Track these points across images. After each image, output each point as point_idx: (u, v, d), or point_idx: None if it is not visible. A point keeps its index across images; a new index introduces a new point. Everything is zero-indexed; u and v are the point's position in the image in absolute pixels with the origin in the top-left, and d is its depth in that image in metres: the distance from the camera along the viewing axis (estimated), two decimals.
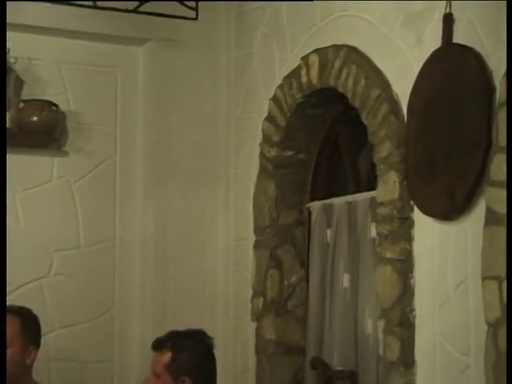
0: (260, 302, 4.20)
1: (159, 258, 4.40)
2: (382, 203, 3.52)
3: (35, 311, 3.92)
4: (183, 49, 4.42)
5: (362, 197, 3.88)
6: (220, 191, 4.49)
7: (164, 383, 3.46)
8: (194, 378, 3.45)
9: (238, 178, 4.43)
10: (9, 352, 3.61)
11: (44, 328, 4.12)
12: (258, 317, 4.21)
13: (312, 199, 4.19)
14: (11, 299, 3.99)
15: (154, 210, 4.42)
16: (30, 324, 3.75)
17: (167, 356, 3.47)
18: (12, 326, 3.66)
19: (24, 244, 4.24)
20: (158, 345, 3.53)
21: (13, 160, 4.20)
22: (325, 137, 4.17)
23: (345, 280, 3.96)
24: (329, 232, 4.08)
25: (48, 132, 4.22)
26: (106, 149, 4.44)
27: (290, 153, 4.17)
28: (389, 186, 3.48)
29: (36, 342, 3.74)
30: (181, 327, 3.60)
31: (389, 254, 3.46)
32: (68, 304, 4.31)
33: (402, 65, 3.46)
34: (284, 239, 4.18)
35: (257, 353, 4.21)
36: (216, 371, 3.57)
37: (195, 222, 4.45)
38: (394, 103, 3.49)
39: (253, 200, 4.29)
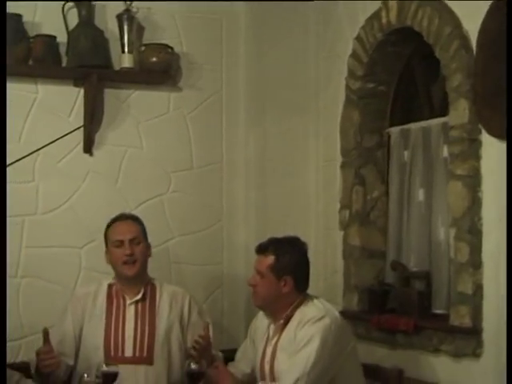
0: (346, 213, 4.21)
1: (260, 176, 4.42)
2: (453, 127, 3.50)
3: (157, 222, 4.02)
4: None
5: (436, 122, 3.85)
6: (311, 119, 4.47)
7: (268, 282, 3.46)
8: (294, 277, 3.46)
9: (327, 108, 4.40)
10: (141, 247, 3.70)
11: (165, 236, 4.28)
12: (345, 226, 4.23)
13: (391, 125, 4.17)
14: (138, 212, 4.06)
15: (255, 136, 4.42)
16: (144, 226, 3.78)
17: (271, 258, 3.46)
18: (136, 227, 3.73)
19: (147, 166, 4.29)
20: (262, 249, 3.53)
21: (136, 95, 4.28)
22: (402, 70, 4.13)
23: (420, 194, 3.95)
24: (406, 153, 4.06)
25: (165, 71, 4.24)
26: (214, 84, 4.43)
27: (371, 85, 4.14)
28: (459, 111, 3.45)
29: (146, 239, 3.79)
30: (279, 235, 3.60)
31: (459, 171, 3.45)
32: (184, 216, 4.35)
33: (471, 5, 3.39)
34: (367, 160, 4.17)
35: (344, 257, 4.24)
36: (309, 272, 3.59)
37: (290, 146, 4.44)
38: (464, 39, 3.44)
39: (339, 126, 4.27)
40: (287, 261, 3.45)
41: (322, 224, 4.41)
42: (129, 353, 3.65)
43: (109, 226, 3.77)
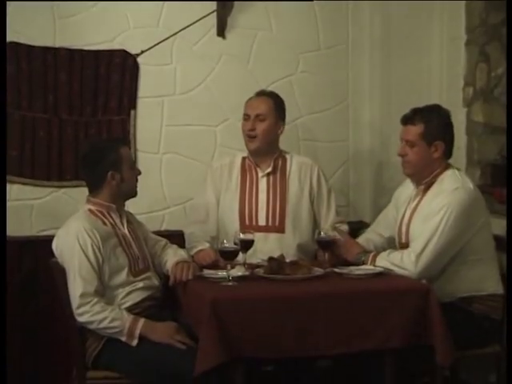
0: (470, 90, 4.15)
1: (384, 56, 4.36)
2: None
3: (287, 101, 4.02)
4: None
5: None
6: None
7: (419, 149, 3.43)
8: (445, 141, 3.45)
9: None
10: (266, 124, 3.74)
11: (294, 115, 4.33)
12: (468, 103, 4.18)
13: None
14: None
15: (380, 15, 4.34)
16: (280, 104, 3.83)
17: (420, 127, 3.43)
18: (267, 104, 3.77)
19: (276, 49, 4.31)
20: (409, 118, 3.47)
21: None
22: None
23: None
24: None
25: None
26: None
27: None
28: None
29: (283, 119, 3.83)
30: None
31: None
32: (312, 96, 4.38)
33: None
34: (492, 37, 4.06)
35: (467, 133, 4.19)
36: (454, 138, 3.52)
37: (414, 25, 4.34)
38: None
39: (465, 4, 4.15)
40: (436, 126, 3.42)
41: (445, 101, 4.27)
42: (262, 222, 3.77)
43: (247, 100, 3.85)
